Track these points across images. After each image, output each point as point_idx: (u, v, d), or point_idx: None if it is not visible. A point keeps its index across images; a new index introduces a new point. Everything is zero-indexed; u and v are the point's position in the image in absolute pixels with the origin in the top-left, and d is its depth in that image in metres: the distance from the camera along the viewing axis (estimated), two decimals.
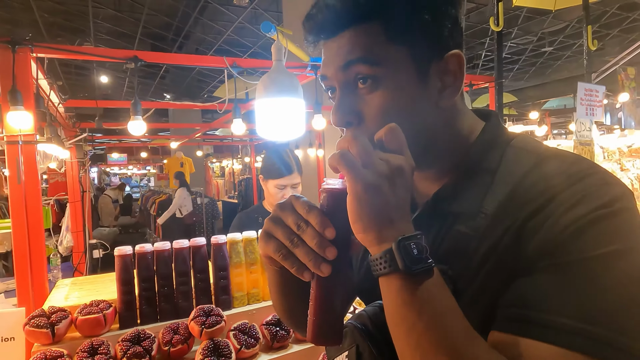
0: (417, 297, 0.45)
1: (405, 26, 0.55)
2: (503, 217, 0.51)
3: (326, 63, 0.60)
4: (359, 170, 0.46)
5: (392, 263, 0.45)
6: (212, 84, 11.20)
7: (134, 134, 1.73)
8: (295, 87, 1.51)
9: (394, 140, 0.49)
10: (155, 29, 7.66)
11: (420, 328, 0.44)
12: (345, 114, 0.57)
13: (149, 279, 1.45)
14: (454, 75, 0.58)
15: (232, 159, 12.82)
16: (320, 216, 0.49)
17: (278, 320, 1.51)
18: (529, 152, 0.56)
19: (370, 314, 0.59)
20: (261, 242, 0.54)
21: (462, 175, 0.59)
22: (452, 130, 0.61)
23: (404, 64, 0.55)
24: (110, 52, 1.74)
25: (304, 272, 0.51)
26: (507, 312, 0.48)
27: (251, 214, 2.11)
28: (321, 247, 0.48)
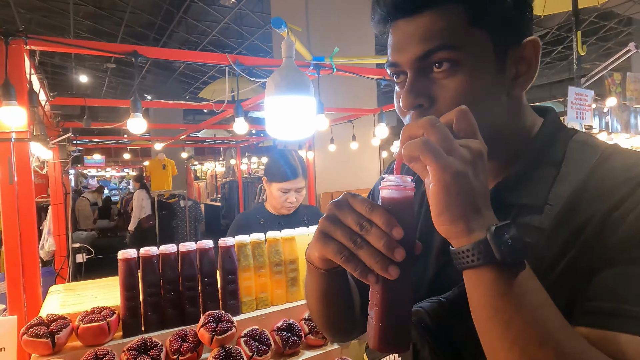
0: (514, 289, 0.43)
1: (488, 9, 0.54)
2: (578, 209, 0.50)
3: (399, 49, 0.57)
4: (444, 158, 0.43)
5: (486, 254, 0.43)
6: (195, 85, 11.03)
7: (133, 132, 1.66)
8: (306, 84, 1.47)
9: (466, 124, 0.47)
10: (138, 28, 7.48)
11: (520, 322, 0.43)
12: (417, 96, 0.55)
13: (155, 284, 1.38)
14: (529, 63, 0.57)
15: (215, 162, 12.63)
16: (386, 215, 0.47)
17: (289, 325, 1.46)
18: (593, 146, 0.56)
19: (429, 309, 0.57)
20: (318, 243, 0.51)
21: (525, 167, 0.57)
22: (518, 121, 0.60)
23: (484, 49, 0.54)
24: (109, 47, 1.66)
25: (369, 275, 0.48)
26: (595, 307, 0.46)
27: (252, 215, 2.06)
28: (389, 248, 0.45)
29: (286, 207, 2.01)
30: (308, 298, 0.72)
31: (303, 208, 2.14)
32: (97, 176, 15.67)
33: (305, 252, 0.63)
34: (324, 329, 0.75)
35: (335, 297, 0.66)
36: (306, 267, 0.65)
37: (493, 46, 0.54)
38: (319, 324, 0.74)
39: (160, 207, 7.29)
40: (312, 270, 0.62)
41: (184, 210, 7.56)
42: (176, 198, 7.52)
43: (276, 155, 2.06)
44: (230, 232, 1.94)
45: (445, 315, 0.55)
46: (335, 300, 0.66)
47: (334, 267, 0.58)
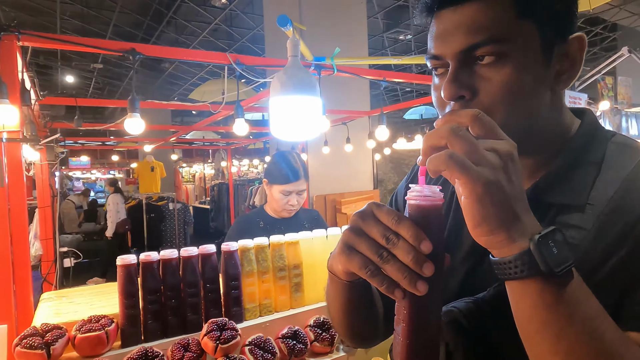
0: (564, 301, 0.41)
1: (537, 1, 0.52)
2: (624, 210, 0.49)
3: (442, 40, 0.54)
4: (473, 169, 0.40)
5: (531, 265, 0.41)
6: (183, 86, 10.90)
7: (131, 132, 1.60)
8: (313, 84, 1.43)
9: (484, 127, 0.44)
10: (126, 28, 7.36)
11: (573, 334, 0.41)
12: (460, 87, 0.53)
13: (155, 291, 1.32)
14: (574, 59, 0.56)
15: (203, 164, 12.50)
16: (414, 228, 0.44)
17: (294, 333, 1.42)
18: (634, 148, 0.56)
19: (463, 309, 0.55)
20: (342, 256, 0.49)
21: (564, 166, 0.56)
22: (558, 119, 0.59)
23: (531, 42, 0.52)
24: (106, 44, 1.59)
25: (395, 291, 0.45)
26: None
27: (252, 218, 2.01)
28: (417, 264, 0.43)
29: (287, 209, 1.96)
30: (330, 306, 0.69)
31: (302, 211, 2.10)
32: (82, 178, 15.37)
33: (327, 261, 0.61)
34: (346, 336, 0.72)
35: (358, 306, 0.64)
36: (328, 276, 0.62)
37: (540, 40, 0.53)
38: (340, 332, 0.72)
39: (149, 209, 7.17)
40: (334, 281, 0.60)
41: (172, 213, 7.44)
42: (165, 201, 7.40)
43: (278, 157, 2.02)
44: (231, 235, 1.89)
45: (481, 316, 0.54)
46: (358, 310, 0.64)
47: (357, 279, 0.56)
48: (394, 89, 11.67)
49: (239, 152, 12.51)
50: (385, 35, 7.97)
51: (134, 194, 8.46)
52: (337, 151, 4.55)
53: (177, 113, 13.28)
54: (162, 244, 7.19)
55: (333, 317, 0.70)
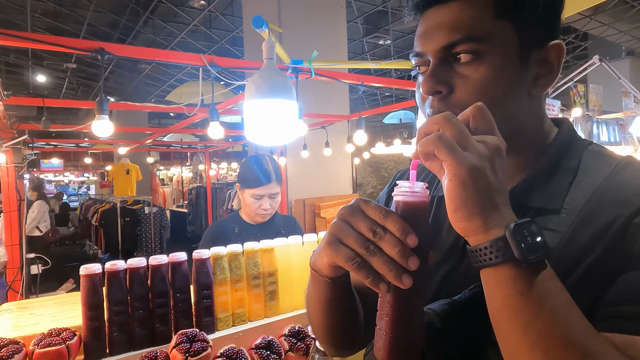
0: (535, 289, 0.42)
1: (518, 4, 0.54)
2: (597, 215, 0.51)
3: (425, 38, 0.57)
4: (460, 153, 0.42)
5: (505, 252, 0.42)
6: (161, 87, 10.71)
7: (98, 135, 1.53)
8: (289, 88, 1.40)
9: (483, 120, 0.46)
10: (101, 27, 7.18)
11: (542, 322, 0.41)
12: (437, 83, 0.55)
13: (122, 302, 1.26)
14: (551, 66, 0.57)
15: (181, 167, 12.29)
16: (401, 222, 0.45)
17: (268, 343, 1.38)
18: (608, 156, 0.58)
19: (439, 311, 0.54)
20: (328, 249, 0.49)
21: (542, 172, 0.58)
22: (537, 123, 0.60)
23: (509, 43, 0.54)
24: (73, 42, 1.52)
25: (380, 284, 0.46)
26: (619, 311, 0.46)
27: (227, 224, 1.95)
28: (403, 257, 0.44)
29: (260, 214, 1.91)
30: (310, 308, 0.68)
31: (279, 217, 2.05)
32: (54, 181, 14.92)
33: (309, 259, 0.61)
34: (324, 341, 0.71)
35: (339, 307, 0.63)
36: (310, 275, 0.62)
37: (518, 42, 0.54)
38: (319, 335, 0.70)
39: (123, 213, 6.99)
40: (316, 279, 0.59)
41: (148, 217, 7.27)
42: (140, 204, 7.23)
43: (249, 160, 1.97)
44: (205, 241, 1.83)
45: (456, 318, 0.54)
46: (338, 310, 0.63)
47: (340, 276, 0.57)
48: (374, 94, 11.75)
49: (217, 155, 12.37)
50: (365, 40, 8.02)
51: (108, 197, 8.24)
52: (316, 155, 4.53)
53: (155, 115, 13.04)
54: (137, 249, 7.01)
55: (313, 320, 0.68)
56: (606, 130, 3.92)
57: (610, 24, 7.37)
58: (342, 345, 0.70)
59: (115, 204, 7.01)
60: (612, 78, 3.32)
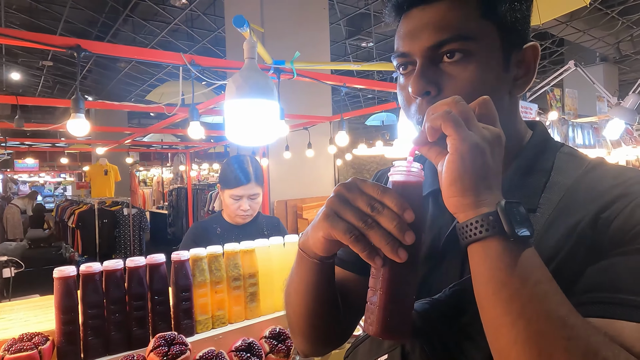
0: (520, 263, 0.43)
1: (501, 5, 0.55)
2: (568, 213, 0.52)
3: (411, 37, 0.56)
4: (465, 130, 0.44)
5: (495, 225, 0.43)
6: (141, 87, 10.54)
7: (74, 134, 1.49)
8: (270, 88, 1.39)
9: (488, 112, 0.48)
10: (78, 24, 7.02)
11: (525, 295, 0.42)
12: (427, 83, 0.56)
13: (97, 305, 1.23)
14: (528, 66, 0.59)
15: (162, 167, 12.11)
16: (399, 197, 0.47)
17: (248, 345, 1.36)
18: (579, 158, 0.60)
19: (419, 310, 0.55)
20: (325, 222, 0.49)
21: (518, 172, 0.59)
22: (514, 125, 0.62)
23: (493, 43, 0.55)
24: (48, 39, 1.48)
25: (376, 257, 0.47)
26: (592, 297, 0.47)
27: (209, 225, 1.93)
28: (401, 231, 0.46)
29: (240, 215, 1.89)
30: (291, 295, 0.66)
31: (262, 217, 2.04)
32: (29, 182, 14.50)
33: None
34: (301, 333, 0.68)
35: (322, 294, 0.62)
36: (295, 259, 0.62)
37: (501, 43, 0.56)
38: (296, 326, 0.68)
39: (101, 215, 6.83)
40: (303, 260, 0.59)
41: (127, 219, 7.13)
42: (119, 206, 7.09)
43: (230, 160, 1.95)
44: (186, 242, 1.81)
45: (437, 316, 0.54)
46: (321, 298, 0.63)
47: (329, 258, 0.58)
48: (357, 96, 11.81)
49: (198, 156, 12.23)
50: (347, 42, 8.05)
51: (85, 198, 8.05)
52: (298, 156, 4.52)
53: (134, 115, 12.82)
54: (115, 252, 6.87)
55: (293, 308, 0.67)
56: (581, 134, 4.03)
57: (585, 31, 7.58)
58: (318, 340, 0.69)
59: (93, 205, 6.85)
60: (587, 83, 3.42)
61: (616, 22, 7.53)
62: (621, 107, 2.94)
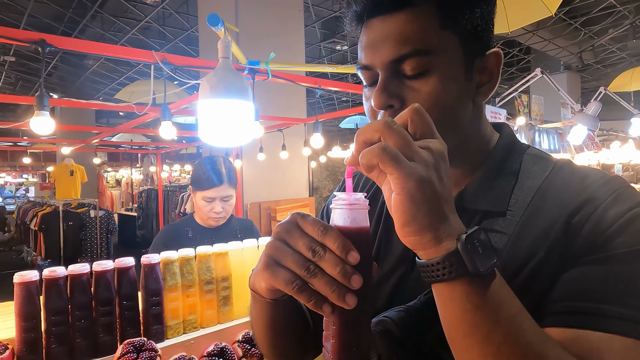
0: (489, 301, 0.41)
1: (460, 14, 0.54)
2: (540, 215, 0.53)
3: (372, 50, 0.55)
4: (407, 164, 0.39)
5: (458, 267, 0.41)
6: (110, 85, 10.23)
7: (38, 132, 1.42)
8: (245, 88, 1.38)
9: (422, 123, 0.44)
10: (44, 19, 6.75)
11: (500, 335, 0.41)
12: (389, 97, 0.54)
13: (61, 311, 1.17)
14: (492, 73, 0.59)
15: (131, 168, 11.79)
16: (340, 239, 0.43)
17: (221, 350, 1.34)
18: (545, 159, 0.60)
19: (395, 318, 0.54)
20: (266, 272, 0.46)
21: (487, 176, 0.59)
22: (480, 130, 0.62)
23: (455, 54, 0.55)
24: (10, 32, 1.39)
25: (324, 306, 0.44)
26: (565, 306, 0.47)
27: (181, 227, 1.88)
28: (345, 276, 0.42)
29: (212, 217, 1.86)
30: (254, 327, 0.65)
31: (236, 220, 2.01)
32: None
33: (248, 280, 0.58)
34: (270, 358, 0.68)
35: (284, 326, 0.61)
36: (250, 296, 0.59)
37: (462, 52, 0.55)
38: (266, 354, 0.67)
39: (66, 217, 6.58)
40: (258, 300, 0.56)
41: (94, 221, 6.90)
42: (85, 207, 6.85)
43: (202, 161, 1.91)
44: (156, 245, 1.76)
45: (413, 324, 0.53)
46: (284, 330, 0.61)
47: (282, 296, 0.55)
48: (331, 98, 11.86)
49: (170, 157, 11.98)
50: (322, 44, 8.08)
51: (49, 200, 7.73)
52: (272, 158, 4.49)
53: (103, 114, 12.42)
54: (81, 255, 6.63)
55: (258, 338, 0.66)
56: (547, 138, 4.18)
57: (550, 40, 7.88)
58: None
59: (58, 207, 6.59)
60: (552, 90, 3.55)
61: (579, 33, 7.87)
62: (584, 114, 3.07)
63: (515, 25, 3.89)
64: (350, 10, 0.57)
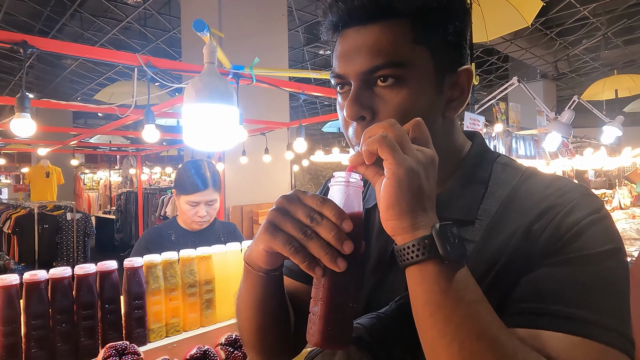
0: (455, 285, 0.45)
1: (434, 30, 0.56)
2: (504, 224, 0.55)
3: (346, 60, 0.57)
4: (401, 154, 0.45)
5: (431, 249, 0.44)
6: (89, 85, 10.03)
7: (19, 134, 1.40)
8: (230, 93, 1.39)
9: (421, 134, 0.49)
10: (20, 17, 6.59)
11: (459, 316, 0.44)
12: (361, 108, 0.56)
13: (42, 315, 1.16)
14: (462, 89, 0.61)
15: (109, 170, 11.56)
16: (337, 208, 0.48)
17: (204, 353, 1.34)
18: (514, 168, 0.62)
19: (366, 324, 0.56)
20: (265, 235, 0.50)
21: (457, 185, 0.62)
22: (450, 142, 0.65)
23: (426, 68, 0.57)
24: None
25: (316, 268, 0.48)
26: (521, 308, 0.50)
27: (163, 230, 1.87)
28: (339, 240, 0.46)
29: (196, 221, 1.86)
30: (241, 308, 0.66)
31: (219, 224, 2.01)
32: None
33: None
34: (252, 345, 0.68)
35: (271, 306, 0.63)
36: (242, 272, 0.61)
37: (434, 67, 0.57)
38: (248, 339, 0.68)
39: (42, 220, 6.42)
40: (250, 274, 0.59)
41: (70, 224, 6.74)
42: (62, 210, 6.69)
43: (186, 165, 1.91)
44: (137, 249, 1.75)
45: (384, 331, 0.55)
46: (270, 309, 0.63)
47: (274, 270, 0.58)
48: (313, 102, 11.90)
49: (150, 159, 11.81)
50: (305, 49, 8.11)
51: (23, 202, 7.52)
52: (255, 161, 4.49)
53: (80, 115, 12.16)
54: (56, 259, 6.47)
55: (243, 321, 0.67)
56: (523, 145, 4.30)
57: (527, 49, 8.11)
58: (271, 352, 0.69)
59: (33, 209, 6.42)
60: (529, 97, 3.66)
61: (554, 42, 8.13)
62: (558, 121, 3.18)
63: (493, 35, 4.01)
64: (326, 19, 0.58)
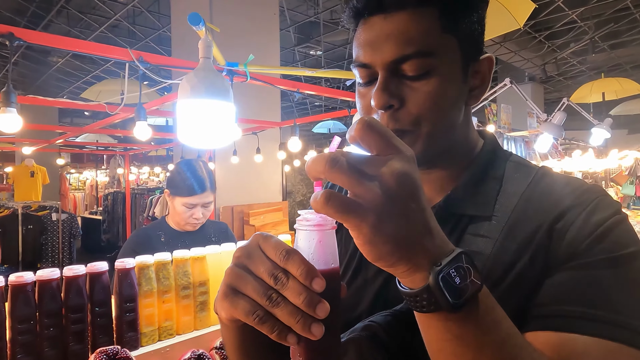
0: (472, 330, 0.40)
1: (461, 18, 0.55)
2: (525, 221, 0.53)
3: (372, 48, 0.55)
4: (354, 212, 0.35)
5: (431, 302, 0.38)
6: (75, 83, 9.86)
7: (5, 131, 1.34)
8: (226, 89, 1.35)
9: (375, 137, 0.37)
10: (5, 12, 6.44)
11: None
12: (390, 97, 0.54)
13: (28, 319, 1.11)
14: (484, 77, 0.60)
15: (96, 170, 11.38)
16: (304, 264, 0.39)
17: (198, 357, 1.30)
18: (527, 166, 0.62)
19: (382, 322, 0.53)
20: (225, 302, 0.42)
21: (472, 180, 0.60)
22: (468, 134, 0.63)
23: (454, 56, 0.56)
24: None
25: (289, 336, 0.40)
26: (550, 310, 0.47)
27: (152, 232, 1.82)
28: (310, 306, 0.38)
29: (191, 223, 1.82)
30: (225, 347, 0.61)
31: (210, 223, 1.97)
32: None
33: (214, 301, 0.55)
34: None
35: (255, 346, 0.57)
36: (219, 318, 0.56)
37: (460, 55, 0.56)
38: None
39: (26, 220, 6.28)
40: (223, 324, 0.52)
41: (56, 225, 6.61)
42: (47, 210, 6.55)
43: (182, 166, 1.86)
44: (126, 250, 1.70)
45: (400, 329, 0.53)
46: (257, 350, 0.57)
47: None
48: (304, 103, 11.87)
49: (138, 159, 11.67)
50: (296, 49, 8.08)
51: (7, 202, 7.35)
52: (246, 161, 4.44)
53: (67, 113, 11.94)
54: (41, 260, 6.33)
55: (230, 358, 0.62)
56: (514, 146, 4.33)
57: (516, 52, 8.20)
58: None
59: (16, 209, 6.27)
60: (519, 100, 3.68)
61: (543, 46, 8.23)
62: (550, 123, 3.20)
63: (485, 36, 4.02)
64: (349, 5, 0.57)
